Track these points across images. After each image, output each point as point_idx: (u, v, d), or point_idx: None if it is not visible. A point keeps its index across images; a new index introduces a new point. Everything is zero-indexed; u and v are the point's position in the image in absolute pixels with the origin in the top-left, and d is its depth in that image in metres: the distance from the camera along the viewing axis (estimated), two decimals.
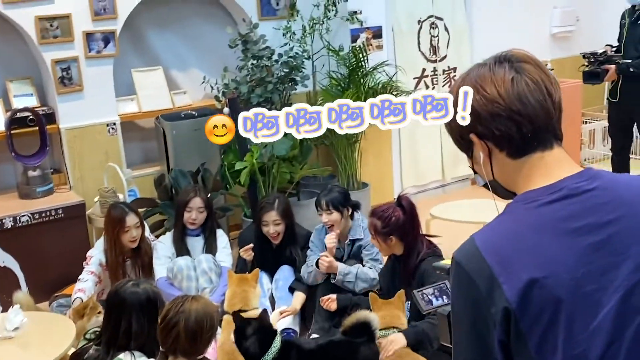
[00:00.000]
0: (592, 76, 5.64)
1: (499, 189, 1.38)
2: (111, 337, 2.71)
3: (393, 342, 3.14)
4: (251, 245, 4.18)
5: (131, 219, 3.99)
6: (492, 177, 1.36)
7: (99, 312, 3.44)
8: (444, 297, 1.75)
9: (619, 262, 1.19)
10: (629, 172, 5.75)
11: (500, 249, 1.22)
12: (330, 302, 3.86)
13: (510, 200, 1.31)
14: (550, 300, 1.17)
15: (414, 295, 1.77)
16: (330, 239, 3.97)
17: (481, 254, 1.22)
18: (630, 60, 5.46)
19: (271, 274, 4.27)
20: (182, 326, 2.47)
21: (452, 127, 1.37)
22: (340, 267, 3.93)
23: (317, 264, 3.96)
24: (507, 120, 1.28)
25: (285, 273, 4.22)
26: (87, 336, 3.21)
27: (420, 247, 3.46)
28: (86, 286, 3.95)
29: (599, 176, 1.26)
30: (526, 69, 1.31)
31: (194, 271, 4.07)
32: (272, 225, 4.16)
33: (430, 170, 6.65)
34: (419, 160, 6.54)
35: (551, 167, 1.29)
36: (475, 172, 1.41)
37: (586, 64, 5.69)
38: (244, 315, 3.62)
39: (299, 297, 4.08)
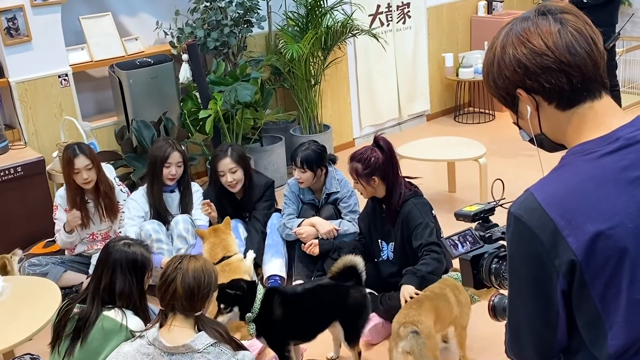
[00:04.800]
0: None
1: (545, 142, 1.38)
2: (95, 292, 2.68)
3: (406, 289, 3.18)
4: (207, 200, 4.09)
5: (80, 161, 3.89)
6: (539, 130, 1.36)
7: None
8: (467, 243, 1.77)
9: None
10: None
11: (563, 202, 1.22)
12: (313, 247, 3.87)
13: (564, 153, 1.31)
14: (615, 249, 1.19)
15: (443, 242, 1.78)
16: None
17: (543, 209, 1.23)
18: None
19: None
20: (179, 282, 2.45)
21: (498, 85, 1.35)
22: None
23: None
24: (558, 73, 1.27)
25: (273, 220, 4.20)
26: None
27: (401, 188, 3.48)
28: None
29: None
30: (569, 19, 1.30)
31: (163, 234, 3.99)
32: (229, 174, 4.07)
33: (387, 109, 6.65)
34: (376, 100, 6.52)
35: (602, 117, 1.29)
36: (519, 128, 1.40)
37: None
38: (228, 261, 3.63)
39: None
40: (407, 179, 3.55)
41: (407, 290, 3.17)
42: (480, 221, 1.86)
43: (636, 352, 1.22)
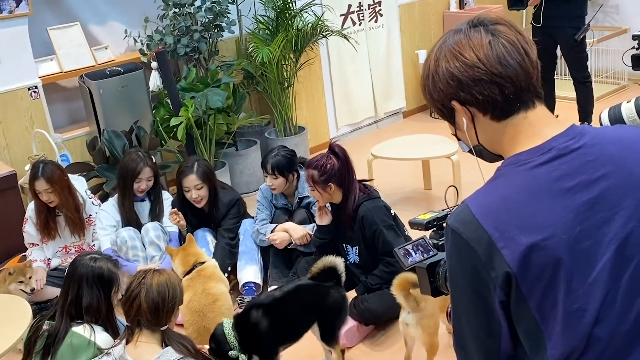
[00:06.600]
0: (516, 2, 5.69)
1: (484, 153, 1.39)
2: (63, 307, 2.68)
3: None
4: (175, 209, 4.05)
5: (40, 185, 3.91)
6: (476, 141, 1.36)
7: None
8: (422, 251, 1.78)
9: (612, 216, 1.23)
10: (554, 92, 5.93)
11: (497, 214, 1.23)
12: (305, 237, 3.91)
13: (499, 164, 1.32)
14: (550, 261, 1.20)
15: (396, 252, 1.79)
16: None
17: (478, 221, 1.23)
18: None
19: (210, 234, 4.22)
20: (143, 297, 2.45)
21: (434, 98, 1.36)
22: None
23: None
24: (490, 84, 1.27)
25: (246, 226, 4.18)
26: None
27: (356, 192, 3.49)
28: (37, 257, 4.04)
29: (585, 133, 1.28)
30: (501, 31, 1.30)
31: (139, 241, 3.98)
32: (194, 190, 4.01)
33: (363, 108, 6.65)
34: (351, 99, 6.52)
35: (536, 127, 1.30)
36: (458, 139, 1.41)
37: None
38: (203, 266, 3.57)
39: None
40: (361, 182, 3.57)
41: None
42: (435, 229, 1.87)
43: None
